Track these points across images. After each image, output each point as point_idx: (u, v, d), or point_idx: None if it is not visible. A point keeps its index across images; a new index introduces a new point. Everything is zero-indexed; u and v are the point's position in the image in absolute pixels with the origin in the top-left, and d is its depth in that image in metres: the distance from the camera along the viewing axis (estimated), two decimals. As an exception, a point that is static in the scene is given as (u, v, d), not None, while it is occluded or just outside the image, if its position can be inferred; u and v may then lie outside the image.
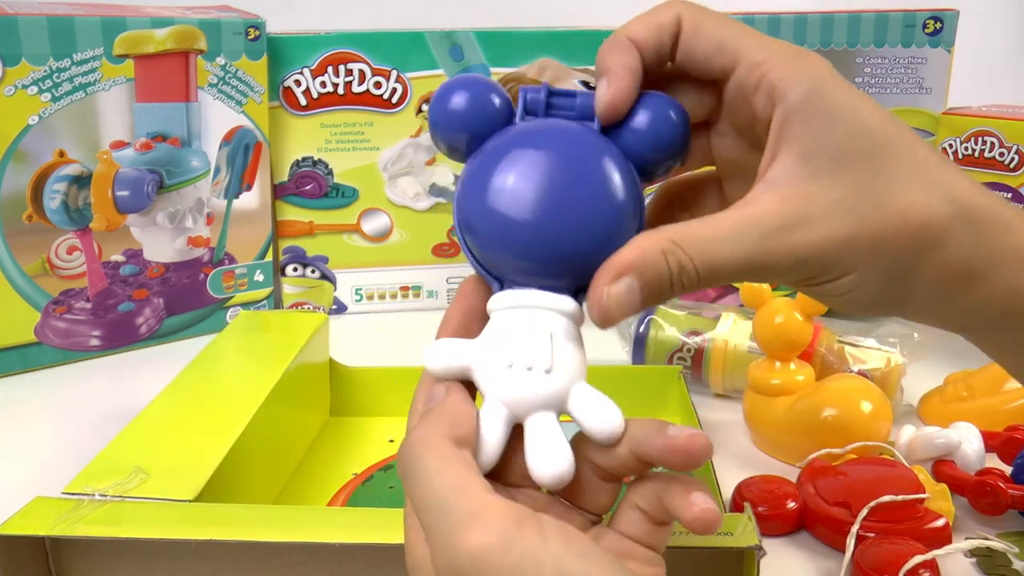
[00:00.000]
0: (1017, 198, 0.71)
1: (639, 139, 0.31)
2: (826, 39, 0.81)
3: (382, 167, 0.84)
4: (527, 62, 0.83)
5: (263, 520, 0.38)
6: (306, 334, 0.58)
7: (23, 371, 0.72)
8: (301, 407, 0.58)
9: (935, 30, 0.79)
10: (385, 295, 0.87)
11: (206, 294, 0.80)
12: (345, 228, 0.85)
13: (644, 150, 0.31)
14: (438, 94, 0.32)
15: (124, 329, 0.76)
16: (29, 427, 0.63)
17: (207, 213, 0.79)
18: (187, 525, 0.37)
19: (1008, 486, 0.47)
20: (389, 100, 0.82)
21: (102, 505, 0.38)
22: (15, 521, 0.37)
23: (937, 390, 0.62)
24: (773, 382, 0.57)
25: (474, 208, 0.31)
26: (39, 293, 0.72)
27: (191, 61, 0.75)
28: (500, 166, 0.30)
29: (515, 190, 0.30)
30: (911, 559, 0.42)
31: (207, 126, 0.77)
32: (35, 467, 0.56)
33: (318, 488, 0.53)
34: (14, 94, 0.67)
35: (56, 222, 0.71)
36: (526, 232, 0.30)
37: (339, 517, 0.42)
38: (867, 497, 0.46)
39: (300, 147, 0.82)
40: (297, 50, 0.80)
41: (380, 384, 0.62)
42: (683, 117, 0.32)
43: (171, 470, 0.41)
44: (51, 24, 0.68)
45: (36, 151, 0.69)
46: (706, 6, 0.32)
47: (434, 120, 0.32)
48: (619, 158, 0.31)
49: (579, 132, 0.31)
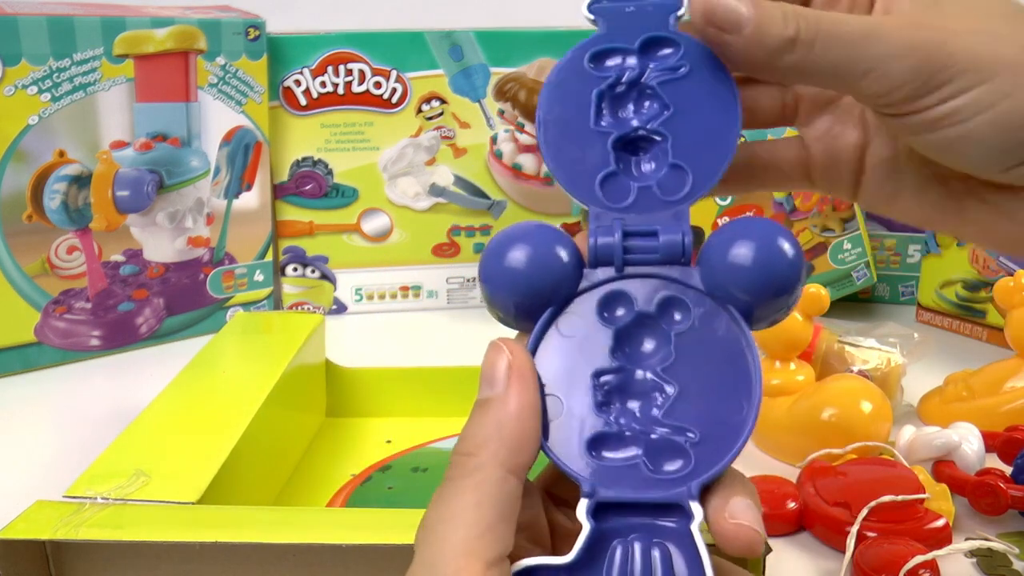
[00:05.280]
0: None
1: (739, 278, 0.26)
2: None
3: (382, 167, 0.84)
4: (527, 62, 0.83)
5: (266, 522, 0.38)
6: (303, 335, 0.58)
7: (23, 371, 0.72)
8: (298, 408, 0.58)
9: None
10: (385, 295, 0.87)
11: (206, 294, 0.80)
12: (345, 228, 0.85)
13: (746, 291, 0.26)
14: (492, 248, 0.27)
15: (124, 329, 0.76)
16: (29, 428, 0.63)
17: (207, 213, 0.79)
18: (190, 527, 0.37)
19: (1008, 486, 0.47)
20: (389, 100, 0.82)
21: (104, 508, 0.38)
22: (16, 525, 0.36)
23: (937, 390, 0.62)
24: (773, 382, 0.57)
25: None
26: (39, 293, 0.72)
27: (191, 61, 0.75)
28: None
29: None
30: (911, 559, 0.42)
31: (207, 126, 0.77)
32: (35, 469, 0.56)
33: (316, 490, 0.53)
34: (14, 94, 0.67)
35: (56, 222, 0.71)
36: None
37: (341, 518, 0.42)
38: (867, 497, 0.46)
39: (300, 147, 0.82)
40: (297, 50, 0.80)
41: (377, 385, 0.62)
42: (799, 257, 0.26)
43: (172, 472, 0.41)
44: (51, 24, 0.68)
45: (36, 151, 0.69)
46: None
47: (486, 277, 0.27)
48: (742, 343, 0.26)
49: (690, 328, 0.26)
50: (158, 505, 0.38)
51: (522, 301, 0.27)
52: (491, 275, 0.27)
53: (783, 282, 0.26)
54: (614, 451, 0.26)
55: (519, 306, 0.27)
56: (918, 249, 0.83)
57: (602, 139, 0.28)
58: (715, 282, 0.26)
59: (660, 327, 0.27)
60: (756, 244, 0.26)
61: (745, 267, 0.26)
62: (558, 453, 0.26)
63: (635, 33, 0.28)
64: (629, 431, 0.26)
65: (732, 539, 0.25)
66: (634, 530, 0.25)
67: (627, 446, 0.26)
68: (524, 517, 0.27)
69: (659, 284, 0.27)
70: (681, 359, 0.26)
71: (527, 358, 0.26)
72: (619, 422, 0.26)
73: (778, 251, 0.26)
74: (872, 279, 0.77)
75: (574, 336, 0.27)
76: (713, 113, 0.28)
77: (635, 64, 0.28)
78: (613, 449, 0.26)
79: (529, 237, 0.27)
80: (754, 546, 0.25)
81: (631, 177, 0.28)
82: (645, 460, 0.25)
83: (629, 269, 0.27)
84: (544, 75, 0.83)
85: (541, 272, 0.26)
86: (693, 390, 0.26)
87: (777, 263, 0.26)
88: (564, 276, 0.27)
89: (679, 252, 0.27)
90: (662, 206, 0.27)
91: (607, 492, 0.25)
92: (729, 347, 0.26)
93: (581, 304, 0.27)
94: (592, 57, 0.29)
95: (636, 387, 0.26)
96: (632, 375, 0.27)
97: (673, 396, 0.26)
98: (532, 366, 0.26)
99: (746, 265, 0.26)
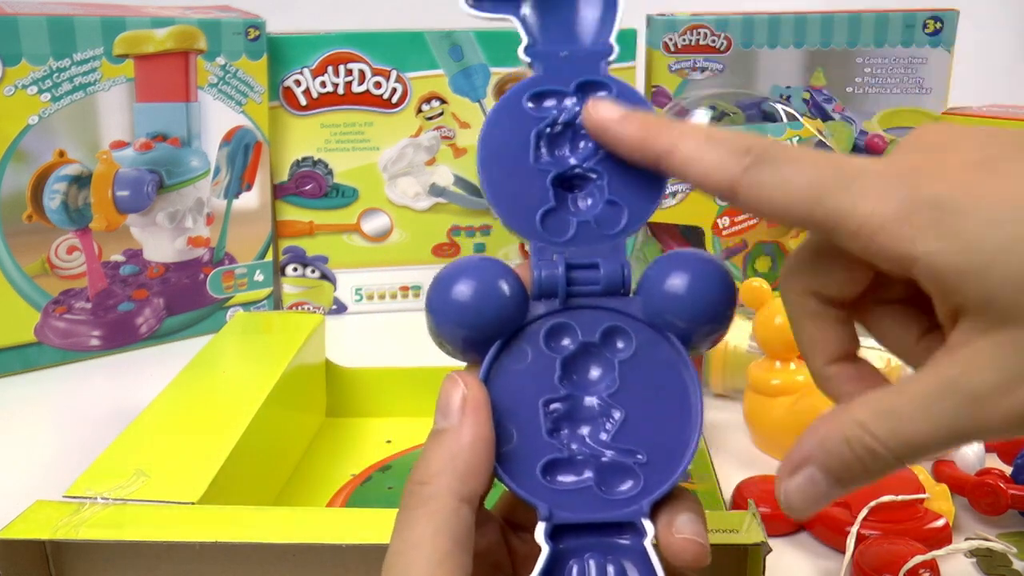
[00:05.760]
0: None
1: (677, 306, 0.27)
2: (826, 39, 0.81)
3: (382, 167, 0.84)
4: (527, 62, 0.83)
5: (266, 521, 0.38)
6: (303, 335, 0.58)
7: (23, 371, 0.72)
8: (298, 408, 0.58)
9: (935, 30, 0.79)
10: (385, 295, 0.87)
11: (206, 294, 0.80)
12: (345, 228, 0.85)
13: (683, 319, 0.27)
14: (438, 282, 0.28)
15: (124, 329, 0.76)
16: (29, 428, 0.63)
17: (207, 213, 0.79)
18: (190, 527, 0.37)
19: (1008, 486, 0.47)
20: (389, 100, 0.82)
21: (104, 508, 0.38)
22: (16, 525, 0.36)
23: (937, 390, 0.62)
24: (773, 382, 0.57)
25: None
26: (39, 293, 0.72)
27: (191, 61, 0.75)
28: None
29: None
30: (911, 559, 0.42)
31: (207, 126, 0.77)
32: (35, 469, 0.56)
33: (316, 490, 0.53)
34: (14, 94, 0.67)
35: (56, 222, 0.71)
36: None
37: (342, 518, 0.42)
38: (867, 497, 0.46)
39: (300, 147, 0.82)
40: (297, 50, 0.80)
41: (377, 385, 0.62)
42: (731, 286, 0.28)
43: (172, 472, 0.41)
44: (51, 24, 0.68)
45: (36, 151, 0.69)
46: (773, 148, 0.26)
47: (432, 310, 0.28)
48: (686, 377, 0.28)
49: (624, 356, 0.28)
50: (158, 505, 0.38)
51: (469, 334, 0.27)
52: (438, 308, 0.27)
53: (716, 309, 0.28)
54: (567, 475, 0.27)
55: (467, 339, 0.28)
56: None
57: (541, 176, 0.29)
58: (654, 311, 0.28)
59: (604, 355, 0.28)
60: (691, 275, 0.27)
61: (681, 296, 0.27)
62: (513, 480, 0.27)
63: (569, 76, 0.30)
64: (580, 455, 0.27)
65: (679, 552, 0.26)
66: (590, 549, 0.26)
67: (579, 470, 0.27)
68: (483, 545, 0.28)
69: (601, 315, 0.28)
70: (625, 385, 0.28)
71: (482, 390, 0.27)
72: (570, 447, 0.27)
73: (711, 281, 0.27)
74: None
75: (522, 367, 0.28)
76: None
77: (571, 106, 0.30)
78: (566, 473, 0.27)
79: (474, 271, 0.27)
80: (700, 558, 0.26)
81: (569, 212, 0.29)
82: (597, 482, 0.27)
83: (572, 300, 0.28)
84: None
85: (486, 305, 0.27)
86: (639, 414, 0.27)
87: (710, 292, 0.27)
88: (509, 308, 0.28)
89: (619, 283, 0.28)
90: (600, 239, 0.29)
91: (563, 514, 0.26)
92: (670, 372, 0.28)
93: (528, 336, 0.28)
94: (530, 98, 0.30)
95: (584, 413, 0.28)
96: (580, 402, 0.28)
97: (620, 420, 0.27)
98: (486, 398, 0.27)
99: (681, 294, 0.27)
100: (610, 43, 0.30)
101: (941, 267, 0.23)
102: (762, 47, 0.82)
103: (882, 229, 0.23)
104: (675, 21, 0.82)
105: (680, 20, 0.82)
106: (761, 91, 0.82)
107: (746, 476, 0.51)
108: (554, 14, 0.31)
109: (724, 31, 0.81)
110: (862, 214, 0.24)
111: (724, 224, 0.74)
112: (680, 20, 0.82)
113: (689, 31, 0.82)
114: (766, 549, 0.34)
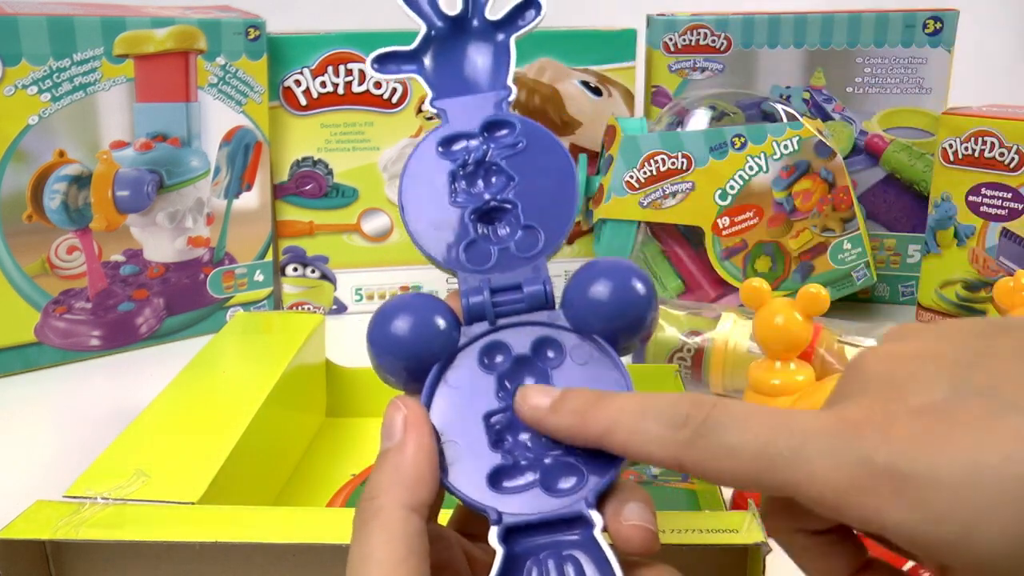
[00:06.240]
0: (1017, 198, 0.72)
1: (599, 314, 0.29)
2: (826, 39, 0.81)
3: (382, 167, 0.84)
4: (527, 62, 0.83)
5: (267, 521, 0.38)
6: (303, 335, 0.58)
7: (23, 371, 0.72)
8: (298, 408, 0.58)
9: (935, 30, 0.79)
10: (385, 295, 0.87)
11: (206, 294, 0.80)
12: (345, 228, 0.85)
13: (605, 322, 0.29)
14: (377, 320, 0.30)
15: (124, 329, 0.76)
16: (29, 428, 0.63)
17: (207, 213, 0.79)
18: (190, 527, 0.37)
19: (1008, 487, 0.47)
20: (389, 100, 0.82)
21: (104, 508, 0.38)
22: (16, 525, 0.36)
23: (937, 390, 0.62)
24: (773, 382, 0.57)
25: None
26: (39, 293, 0.72)
27: (191, 61, 0.75)
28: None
29: None
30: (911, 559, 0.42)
31: (207, 126, 0.77)
32: (35, 469, 0.56)
33: (316, 490, 0.53)
34: (14, 94, 0.67)
35: (56, 222, 0.71)
36: None
37: (343, 518, 0.42)
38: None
39: (300, 147, 0.82)
40: (297, 50, 0.80)
41: (377, 385, 0.61)
42: (648, 288, 0.29)
43: (173, 472, 0.41)
44: (51, 24, 0.68)
45: (36, 151, 0.69)
46: (711, 417, 0.25)
47: (373, 344, 0.30)
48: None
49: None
50: (158, 505, 0.38)
51: (409, 364, 0.29)
52: (378, 342, 0.30)
53: (636, 311, 0.29)
54: (513, 480, 0.28)
55: (408, 369, 0.29)
56: (918, 249, 0.83)
57: (460, 212, 0.31)
58: (579, 318, 0.30)
59: (537, 365, 0.30)
60: (612, 282, 0.29)
61: (602, 302, 0.29)
62: (462, 490, 0.28)
63: (474, 119, 0.33)
64: (524, 460, 0.28)
65: (628, 539, 0.26)
66: (544, 548, 0.27)
67: (524, 473, 0.28)
68: (442, 557, 0.28)
69: (530, 329, 0.30)
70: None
71: (420, 410, 0.28)
72: (513, 454, 0.28)
73: (630, 286, 0.29)
74: (872, 279, 0.77)
75: (461, 386, 0.29)
76: (553, 178, 0.32)
77: (479, 145, 0.32)
78: (512, 478, 0.28)
79: (408, 308, 0.30)
80: (649, 543, 0.26)
81: (490, 242, 0.31)
82: (542, 482, 0.28)
83: (501, 321, 0.30)
84: (544, 75, 0.84)
85: (422, 337, 0.29)
86: None
87: (630, 296, 0.29)
88: (443, 338, 0.29)
89: (542, 299, 0.30)
90: (521, 263, 0.31)
91: (512, 516, 0.27)
92: (600, 371, 0.29)
93: (463, 358, 0.30)
94: (440, 143, 0.32)
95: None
96: None
97: None
98: (425, 416, 0.28)
99: (603, 300, 0.29)
100: (508, 85, 0.33)
101: (917, 538, 0.22)
102: (762, 47, 0.82)
103: (845, 499, 0.22)
104: (675, 21, 0.82)
105: (680, 20, 0.82)
106: (761, 91, 0.82)
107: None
108: (454, 65, 0.34)
109: (724, 31, 0.81)
110: (820, 485, 0.23)
111: (724, 224, 0.74)
112: (680, 20, 0.82)
113: (689, 31, 0.82)
114: (766, 549, 0.34)
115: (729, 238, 0.74)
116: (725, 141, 0.72)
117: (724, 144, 0.72)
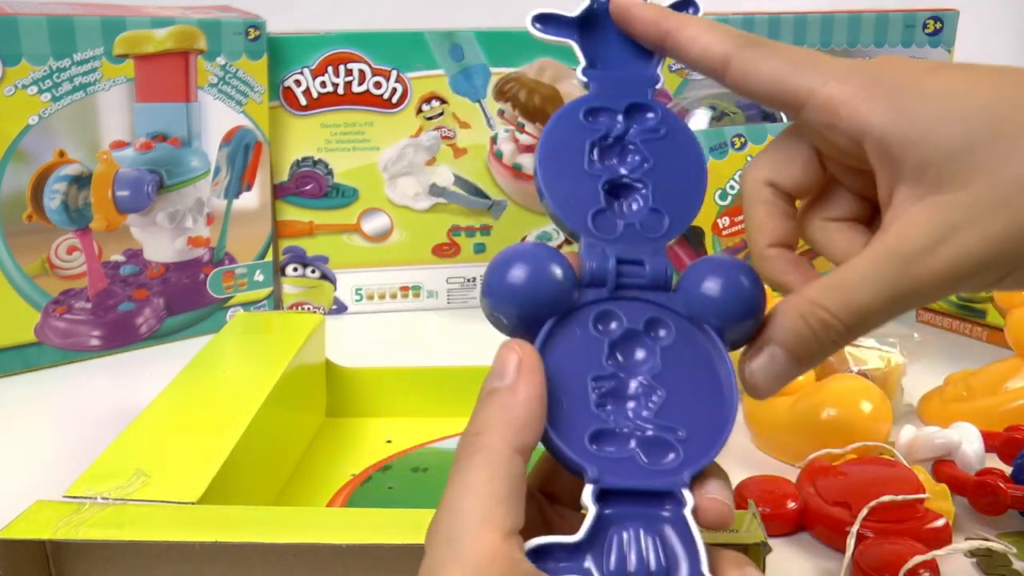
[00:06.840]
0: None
1: (712, 306, 0.30)
2: (826, 39, 0.81)
3: (382, 167, 0.84)
4: (527, 62, 0.83)
5: (267, 521, 0.38)
6: (303, 335, 0.58)
7: (23, 371, 0.72)
8: (298, 408, 0.58)
9: (935, 30, 0.79)
10: (385, 295, 0.87)
11: (206, 294, 0.80)
12: (345, 228, 0.85)
13: (718, 317, 0.30)
14: (496, 264, 0.30)
15: (124, 329, 0.76)
16: (29, 428, 0.63)
17: (207, 213, 0.79)
18: (190, 527, 0.37)
19: (1008, 486, 0.47)
20: (389, 100, 0.82)
21: (104, 508, 0.38)
22: (16, 525, 0.36)
23: (937, 390, 0.62)
24: (773, 382, 0.57)
25: None
26: (39, 293, 0.72)
27: (191, 61, 0.75)
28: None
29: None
30: (911, 559, 0.42)
31: (207, 126, 0.77)
32: (35, 469, 0.56)
33: (316, 490, 0.53)
34: (14, 94, 0.67)
35: (56, 222, 0.71)
36: None
37: (343, 518, 0.42)
38: (867, 497, 0.46)
39: (300, 147, 0.82)
40: (297, 50, 0.80)
41: (377, 385, 0.62)
42: (755, 281, 0.31)
43: (173, 472, 0.41)
44: (51, 24, 0.68)
45: (36, 151, 0.69)
46: (760, 38, 0.31)
47: (489, 291, 0.30)
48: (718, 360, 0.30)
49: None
50: (158, 505, 0.38)
51: (523, 311, 0.29)
52: (495, 290, 0.29)
53: (745, 309, 0.30)
54: (612, 445, 0.28)
55: (521, 316, 0.29)
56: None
57: (593, 180, 0.32)
58: (691, 308, 0.31)
59: (647, 342, 0.30)
60: (723, 280, 0.30)
61: (714, 298, 0.30)
62: (563, 443, 0.28)
63: (621, 97, 0.33)
64: (625, 428, 0.29)
65: (705, 511, 0.27)
66: (632, 516, 0.27)
67: (624, 441, 0.28)
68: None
69: (645, 306, 0.31)
70: (667, 369, 0.30)
71: (536, 356, 0.28)
72: (615, 420, 0.29)
73: (741, 285, 0.30)
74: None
75: (573, 345, 0.30)
76: (686, 169, 0.33)
77: (621, 123, 0.33)
78: (611, 444, 0.28)
79: (528, 256, 0.30)
80: (725, 517, 0.28)
81: (617, 215, 0.32)
82: (641, 453, 0.28)
83: (619, 292, 0.31)
84: (544, 75, 0.84)
85: (540, 286, 0.29)
86: (679, 395, 0.29)
87: (740, 295, 0.30)
88: (560, 290, 0.29)
89: (663, 280, 0.31)
90: (644, 241, 0.31)
91: (611, 479, 0.27)
92: (707, 359, 0.30)
93: (577, 317, 0.30)
94: (586, 112, 0.33)
95: (629, 391, 0.30)
96: (625, 381, 0.30)
97: (662, 400, 0.29)
98: (540, 362, 0.28)
99: (715, 297, 0.30)
100: (657, 73, 0.34)
101: (888, 137, 0.27)
102: (762, 47, 0.82)
103: (845, 104, 0.28)
104: (675, 21, 0.82)
105: (680, 20, 0.82)
106: (761, 91, 0.82)
107: (746, 476, 0.51)
108: (608, 43, 0.35)
109: (724, 31, 0.81)
110: (830, 90, 0.28)
111: (724, 224, 0.74)
112: (680, 20, 0.82)
113: (689, 31, 0.82)
114: (766, 549, 0.34)
115: (729, 238, 0.74)
116: (725, 141, 0.72)
117: (724, 144, 0.72)
